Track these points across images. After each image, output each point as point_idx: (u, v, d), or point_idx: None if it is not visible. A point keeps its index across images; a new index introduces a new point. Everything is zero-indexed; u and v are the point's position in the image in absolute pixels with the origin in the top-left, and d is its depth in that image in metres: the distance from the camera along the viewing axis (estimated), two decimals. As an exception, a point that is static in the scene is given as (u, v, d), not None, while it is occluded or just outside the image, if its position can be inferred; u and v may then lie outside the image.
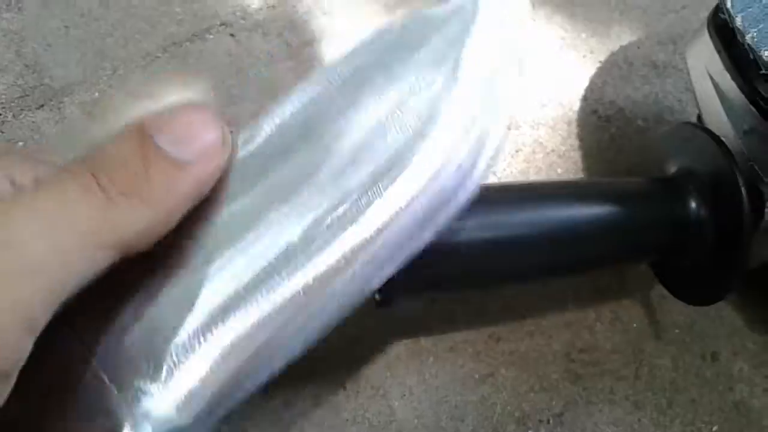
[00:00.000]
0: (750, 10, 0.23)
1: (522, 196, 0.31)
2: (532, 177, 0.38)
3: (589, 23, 0.42)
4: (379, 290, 0.30)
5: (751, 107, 0.28)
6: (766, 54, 0.23)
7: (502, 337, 0.35)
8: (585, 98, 0.40)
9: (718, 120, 0.30)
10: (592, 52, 0.42)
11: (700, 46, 0.32)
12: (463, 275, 0.30)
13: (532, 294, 0.36)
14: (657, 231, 0.29)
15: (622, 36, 0.42)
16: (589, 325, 0.36)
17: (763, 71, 0.24)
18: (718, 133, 0.29)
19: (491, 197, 0.30)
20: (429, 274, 0.29)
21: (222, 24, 0.42)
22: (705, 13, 0.31)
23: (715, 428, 0.34)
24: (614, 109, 0.40)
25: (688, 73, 0.34)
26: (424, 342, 0.34)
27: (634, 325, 0.36)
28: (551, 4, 0.43)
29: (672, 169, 0.30)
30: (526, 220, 0.30)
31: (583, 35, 0.42)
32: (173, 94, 0.39)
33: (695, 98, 0.34)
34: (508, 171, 0.38)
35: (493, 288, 0.34)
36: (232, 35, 0.41)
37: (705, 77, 0.31)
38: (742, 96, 0.29)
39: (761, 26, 0.23)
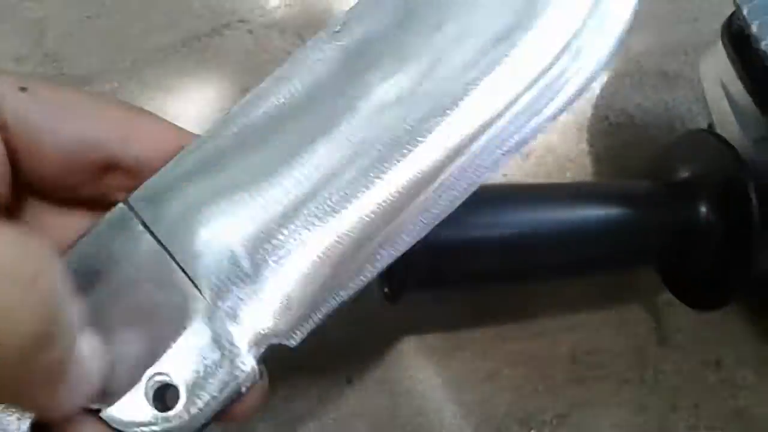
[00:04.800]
0: (767, 17, 0.24)
1: (531, 196, 0.31)
2: (543, 180, 0.38)
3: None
4: (389, 284, 0.30)
5: (763, 116, 0.29)
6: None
7: (507, 337, 0.35)
8: (596, 105, 0.41)
9: (730, 129, 0.31)
10: (604, 60, 0.42)
11: (714, 55, 0.32)
12: (471, 272, 0.31)
13: (539, 295, 0.36)
14: (665, 234, 0.30)
15: (635, 45, 0.43)
16: (595, 328, 0.36)
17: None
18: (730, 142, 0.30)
19: (499, 196, 0.31)
20: (437, 269, 0.29)
21: (240, 20, 0.42)
22: (717, 25, 0.32)
23: (718, 434, 0.35)
24: (625, 116, 0.40)
25: (700, 83, 0.34)
26: (431, 339, 0.35)
27: (640, 329, 0.36)
28: None
29: (682, 174, 0.30)
30: (534, 219, 0.30)
31: (597, 43, 0.43)
32: (191, 88, 0.40)
33: (707, 107, 0.34)
34: (518, 174, 0.39)
35: (499, 285, 0.34)
36: (249, 31, 0.42)
37: (717, 86, 0.32)
38: (754, 105, 0.29)
39: (776, 33, 0.24)
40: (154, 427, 0.18)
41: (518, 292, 0.36)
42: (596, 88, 0.41)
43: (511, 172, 0.39)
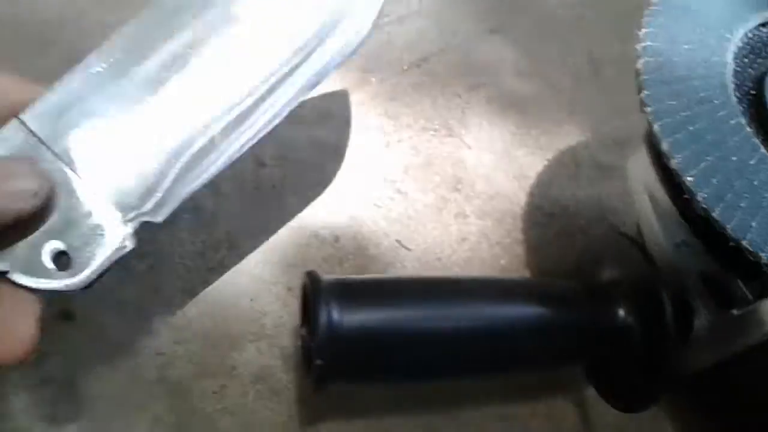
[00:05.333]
0: (677, 136, 0.25)
1: (455, 290, 0.32)
2: (476, 267, 0.39)
3: (540, 122, 0.44)
4: (315, 374, 0.29)
5: (683, 221, 0.30)
6: (688, 179, 0.24)
7: (436, 428, 0.35)
8: (531, 194, 0.42)
9: (652, 230, 0.32)
10: (541, 149, 0.43)
11: (639, 156, 0.33)
12: (395, 366, 0.31)
13: (469, 386, 0.36)
14: (586, 337, 0.30)
15: (571, 136, 0.44)
16: (524, 420, 0.36)
17: (686, 195, 0.25)
18: (653, 244, 0.31)
19: (421, 290, 0.31)
20: (360, 363, 0.29)
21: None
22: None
23: None
24: (559, 206, 0.41)
25: (628, 180, 0.35)
26: (358, 423, 0.34)
27: (568, 423, 0.36)
28: (505, 101, 0.45)
29: (603, 275, 0.31)
30: (456, 315, 0.31)
31: (534, 132, 0.44)
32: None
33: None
34: (453, 258, 0.39)
35: (423, 380, 0.34)
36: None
37: (642, 187, 0.33)
38: (675, 209, 0.30)
39: (686, 152, 0.25)
40: (52, 284, 0.25)
41: (443, 384, 0.35)
42: (532, 176, 0.42)
43: (446, 255, 0.39)
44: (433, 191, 0.41)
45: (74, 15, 0.42)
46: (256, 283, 0.37)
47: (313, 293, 0.28)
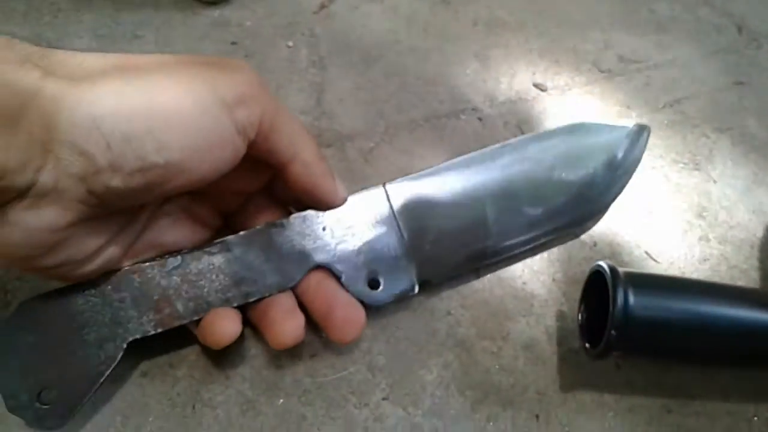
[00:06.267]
0: None
1: (722, 293, 0.38)
2: (716, 284, 0.45)
3: (779, 166, 0.50)
4: (590, 343, 0.37)
5: None
6: None
7: (672, 410, 0.41)
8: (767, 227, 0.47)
9: None
10: (779, 191, 0.49)
11: None
12: (662, 346, 0.38)
13: (703, 381, 0.42)
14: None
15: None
16: (747, 418, 0.41)
17: None
18: None
19: (696, 287, 0.38)
20: (640, 340, 0.37)
21: (473, 108, 0.52)
22: None
23: None
24: (793, 242, 0.47)
25: None
26: (608, 397, 0.41)
27: (787, 429, 0.41)
28: (748, 145, 0.51)
29: None
30: (713, 313, 0.37)
31: (773, 174, 0.49)
32: (428, 155, 0.49)
33: None
34: (695, 275, 0.45)
35: (683, 362, 0.41)
36: (479, 119, 0.51)
37: None
38: None
39: None
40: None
41: (682, 375, 0.42)
42: (768, 212, 0.48)
43: (689, 271, 0.45)
44: (680, 216, 0.47)
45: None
46: (528, 270, 0.45)
47: (613, 278, 0.36)
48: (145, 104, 0.28)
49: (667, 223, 0.47)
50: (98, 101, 0.27)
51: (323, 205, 0.38)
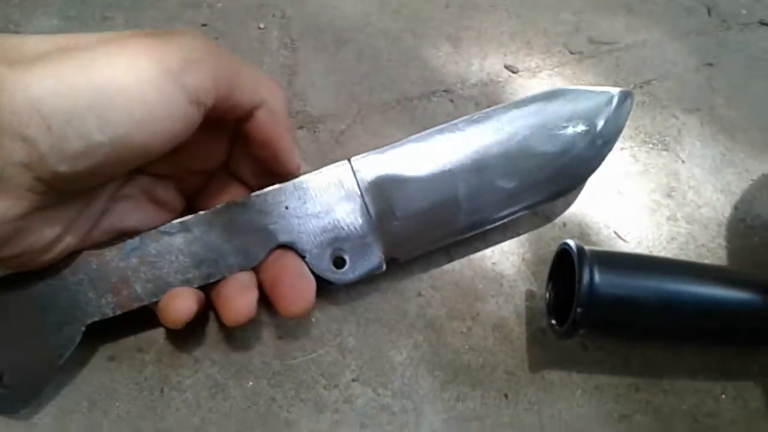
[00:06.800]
0: None
1: (688, 270, 0.39)
2: (684, 263, 0.45)
3: (747, 146, 0.50)
4: (572, 320, 0.37)
5: None
6: None
7: (640, 388, 0.41)
8: (736, 207, 0.48)
9: None
10: (747, 171, 0.49)
11: None
12: (629, 324, 0.38)
13: (670, 359, 0.43)
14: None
15: (773, 159, 0.50)
16: (715, 395, 0.42)
17: None
18: None
19: (662, 265, 0.39)
20: (606, 318, 0.37)
21: (445, 90, 0.52)
22: None
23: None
24: (760, 221, 0.47)
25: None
26: (576, 377, 0.41)
27: (754, 404, 0.42)
28: (717, 126, 0.51)
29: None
30: (687, 290, 0.38)
31: (741, 155, 0.50)
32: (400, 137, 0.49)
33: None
34: (663, 254, 0.46)
35: (650, 341, 0.41)
36: (451, 101, 0.51)
37: None
38: None
39: None
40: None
41: (650, 354, 0.42)
42: (737, 192, 0.48)
43: (657, 250, 0.46)
44: (649, 195, 0.48)
45: None
46: (498, 251, 0.45)
47: (579, 256, 0.36)
48: (85, 81, 0.27)
49: (636, 203, 0.47)
50: (36, 83, 0.26)
51: (281, 162, 0.37)
